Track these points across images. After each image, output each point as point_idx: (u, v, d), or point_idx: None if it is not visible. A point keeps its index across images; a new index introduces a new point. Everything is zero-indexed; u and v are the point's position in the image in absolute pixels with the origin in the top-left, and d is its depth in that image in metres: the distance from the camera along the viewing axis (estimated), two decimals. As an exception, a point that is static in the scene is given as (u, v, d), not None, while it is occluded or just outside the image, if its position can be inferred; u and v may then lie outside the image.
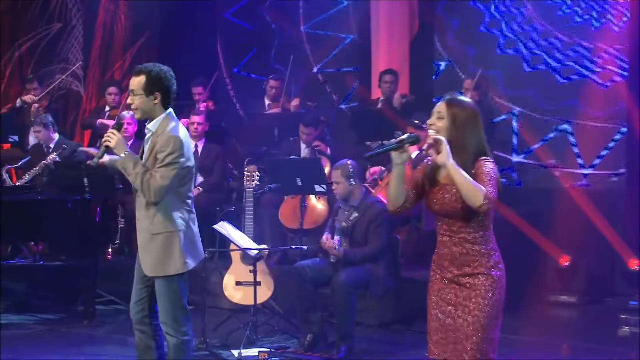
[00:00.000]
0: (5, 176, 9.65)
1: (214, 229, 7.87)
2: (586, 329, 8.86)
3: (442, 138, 4.48)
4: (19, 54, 12.69)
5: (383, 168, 9.11)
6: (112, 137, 5.51)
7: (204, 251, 6.27)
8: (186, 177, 5.63)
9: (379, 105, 10.31)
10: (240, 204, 8.98)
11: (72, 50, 12.73)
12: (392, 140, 4.59)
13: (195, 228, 5.76)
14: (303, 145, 9.67)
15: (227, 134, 11.57)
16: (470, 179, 4.45)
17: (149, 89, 5.42)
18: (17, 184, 9.62)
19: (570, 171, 10.96)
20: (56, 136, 9.82)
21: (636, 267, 9.49)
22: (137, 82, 5.46)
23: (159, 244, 5.58)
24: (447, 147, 4.44)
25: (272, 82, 10.96)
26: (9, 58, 12.64)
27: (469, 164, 4.56)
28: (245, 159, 9.37)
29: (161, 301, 5.65)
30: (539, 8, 11.55)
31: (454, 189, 4.54)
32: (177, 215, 5.60)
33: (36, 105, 10.82)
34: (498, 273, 4.68)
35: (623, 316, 8.92)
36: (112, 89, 11.11)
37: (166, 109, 5.55)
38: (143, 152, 5.72)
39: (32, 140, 10.49)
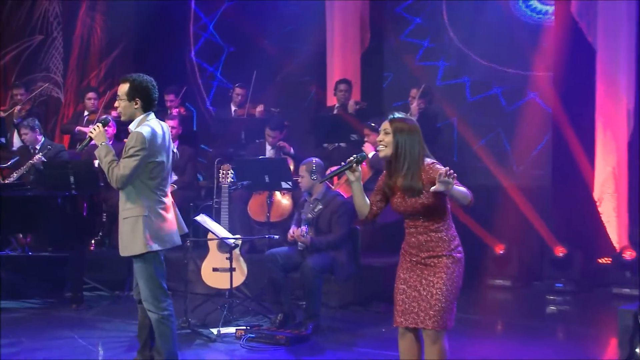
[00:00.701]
0: None
1: (194, 221, 7.96)
2: (519, 308, 9.35)
3: (451, 181, 4.74)
4: (3, 62, 12.68)
5: (343, 163, 9.27)
6: (95, 130, 5.79)
7: (187, 241, 6.61)
8: (154, 171, 5.82)
9: (335, 111, 10.43)
10: (211, 199, 9.14)
11: (53, 60, 12.72)
12: (342, 164, 5.00)
13: (167, 216, 5.93)
14: (268, 147, 9.80)
15: (197, 137, 11.58)
16: (463, 189, 4.90)
17: (131, 95, 5.70)
18: (6, 182, 9.48)
19: (504, 170, 11.10)
20: (42, 138, 9.83)
21: (561, 254, 9.80)
22: (122, 88, 5.75)
23: (127, 227, 5.80)
24: (453, 184, 4.77)
25: (237, 90, 11.07)
26: None
27: (417, 167, 4.93)
28: (215, 160, 9.51)
29: (140, 281, 5.87)
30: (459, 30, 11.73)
31: (417, 199, 4.93)
32: (144, 202, 5.79)
33: (18, 107, 10.80)
34: (459, 255, 5.06)
35: (550, 297, 9.51)
36: (91, 94, 11.19)
37: (146, 113, 5.84)
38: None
39: (16, 142, 10.47)
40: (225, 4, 13.18)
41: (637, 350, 6.16)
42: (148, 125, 5.77)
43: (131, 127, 5.77)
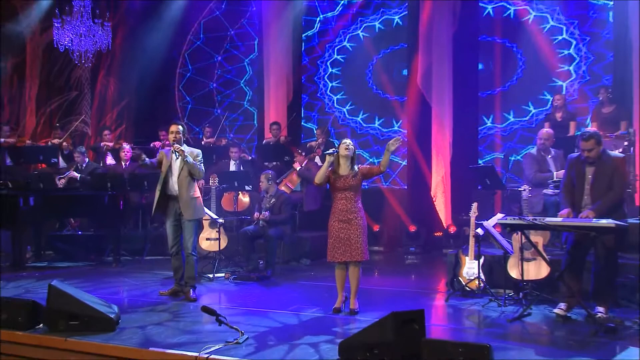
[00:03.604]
0: (58, 182, 9.65)
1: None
2: (389, 262, 9.67)
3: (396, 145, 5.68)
4: (50, 109, 12.57)
5: (279, 178, 9.68)
6: (180, 149, 6.56)
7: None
8: None
9: (271, 143, 10.71)
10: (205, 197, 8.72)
11: (83, 107, 12.65)
12: (330, 151, 6.00)
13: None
14: (232, 162, 10.17)
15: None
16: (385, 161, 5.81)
17: (183, 131, 6.75)
18: (61, 186, 9.60)
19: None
20: (86, 159, 10.13)
21: (413, 230, 10.35)
22: (178, 127, 6.70)
23: (193, 202, 6.66)
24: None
25: (207, 129, 11.42)
26: (43, 112, 12.47)
27: (356, 167, 5.94)
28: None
29: (190, 236, 6.62)
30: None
31: (348, 177, 5.91)
32: (197, 188, 6.81)
33: (65, 144, 10.82)
34: (364, 215, 6.01)
35: (407, 257, 10.00)
36: (106, 131, 11.36)
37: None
38: (167, 159, 6.72)
39: (61, 162, 10.55)
40: (189, 72, 13.20)
41: (456, 276, 6.87)
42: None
43: (184, 148, 6.63)
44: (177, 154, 6.60)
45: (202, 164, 6.77)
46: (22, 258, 8.68)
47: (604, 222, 5.26)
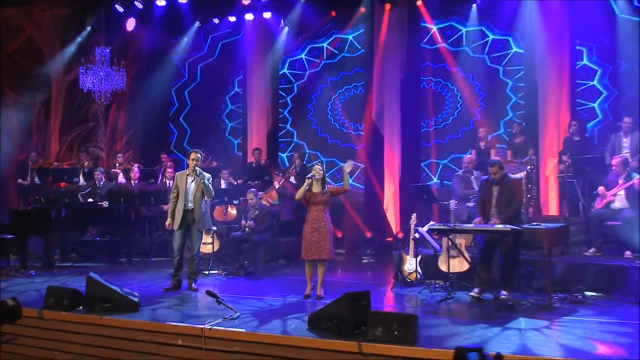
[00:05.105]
0: (80, 198, 9.78)
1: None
2: (350, 263, 9.87)
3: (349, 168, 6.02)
4: (70, 137, 12.67)
5: (262, 192, 10.01)
6: (202, 172, 6.65)
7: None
8: None
9: (254, 165, 10.97)
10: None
11: (98, 136, 12.79)
12: (309, 175, 6.31)
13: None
14: (222, 181, 10.40)
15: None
16: (346, 181, 6.26)
17: (199, 158, 6.98)
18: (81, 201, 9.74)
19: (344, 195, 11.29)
20: (103, 179, 10.30)
21: (369, 236, 10.53)
22: (197, 155, 6.93)
23: (205, 216, 6.96)
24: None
25: (202, 153, 11.18)
26: (65, 139, 12.61)
27: (326, 187, 6.30)
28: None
29: (196, 242, 6.89)
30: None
31: (319, 194, 6.28)
32: (207, 205, 7.05)
33: (87, 163, 11.04)
34: (331, 223, 6.38)
35: (363, 257, 10.26)
36: (119, 155, 11.75)
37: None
38: (183, 180, 6.87)
39: (81, 181, 10.72)
40: (187, 106, 13.23)
41: (399, 270, 7.33)
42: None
43: (197, 171, 6.80)
44: (196, 174, 6.82)
45: (211, 185, 7.02)
46: (52, 259, 9.05)
47: (502, 227, 5.99)
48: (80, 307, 5.88)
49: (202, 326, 5.12)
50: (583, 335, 4.93)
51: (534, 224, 6.47)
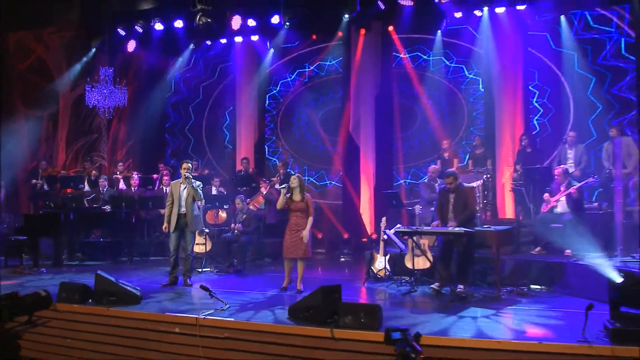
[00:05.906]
0: (86, 203, 9.94)
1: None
2: (329, 261, 9.89)
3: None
4: (76, 148, 12.84)
5: (249, 199, 9.94)
6: (190, 178, 6.71)
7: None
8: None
9: (242, 173, 10.96)
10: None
11: (101, 146, 12.88)
12: (283, 185, 6.55)
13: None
14: (214, 189, 10.53)
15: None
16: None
17: (191, 168, 7.13)
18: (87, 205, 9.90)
19: (325, 201, 11.62)
20: (106, 184, 10.56)
21: (346, 237, 10.61)
22: (188, 165, 7.07)
23: (197, 219, 7.11)
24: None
25: (194, 162, 11.09)
26: (71, 149, 12.76)
27: (306, 195, 6.47)
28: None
29: (189, 241, 7.04)
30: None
31: (298, 202, 6.44)
32: (198, 208, 7.14)
33: (94, 172, 11.24)
34: (310, 225, 6.50)
35: (341, 257, 10.34)
36: (120, 164, 11.93)
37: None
38: (177, 188, 7.03)
39: (86, 187, 10.80)
40: (191, 119, 13.08)
41: (370, 267, 7.47)
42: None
43: (191, 180, 6.97)
44: (187, 181, 7.00)
45: (201, 190, 7.25)
46: (61, 258, 9.21)
47: (457, 229, 6.41)
48: (90, 300, 6.14)
49: (197, 316, 5.36)
50: (523, 320, 5.34)
51: (485, 226, 6.86)
